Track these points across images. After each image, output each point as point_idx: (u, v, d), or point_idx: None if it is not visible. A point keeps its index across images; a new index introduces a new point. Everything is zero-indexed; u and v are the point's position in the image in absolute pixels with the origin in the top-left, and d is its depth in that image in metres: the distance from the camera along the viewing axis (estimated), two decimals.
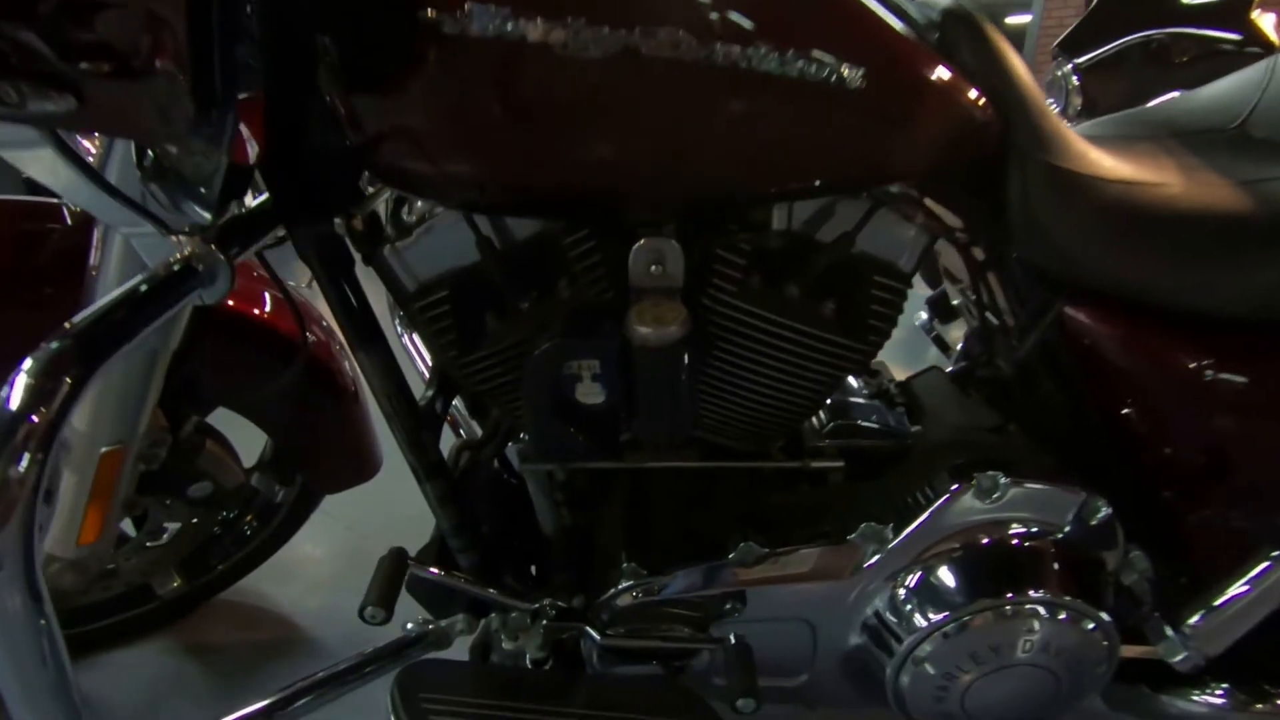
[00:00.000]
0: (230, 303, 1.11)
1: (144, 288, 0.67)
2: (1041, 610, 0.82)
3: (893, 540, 0.87)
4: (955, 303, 1.23)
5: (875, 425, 1.04)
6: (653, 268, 0.79)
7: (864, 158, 0.72)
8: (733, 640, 0.89)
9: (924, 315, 1.47)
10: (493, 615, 1.02)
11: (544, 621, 0.92)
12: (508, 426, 1.11)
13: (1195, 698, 0.97)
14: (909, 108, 0.70)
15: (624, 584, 0.91)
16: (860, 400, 1.09)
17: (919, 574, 0.87)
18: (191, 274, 0.72)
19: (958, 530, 0.85)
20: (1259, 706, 0.93)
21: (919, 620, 0.86)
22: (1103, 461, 0.89)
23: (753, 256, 0.83)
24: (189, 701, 1.27)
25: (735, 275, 0.83)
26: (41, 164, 0.71)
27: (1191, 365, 0.80)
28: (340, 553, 1.64)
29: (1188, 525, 0.89)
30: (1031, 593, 0.82)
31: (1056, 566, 0.84)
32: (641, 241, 0.80)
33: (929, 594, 0.86)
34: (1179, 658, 0.84)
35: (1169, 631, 0.84)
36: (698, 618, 0.94)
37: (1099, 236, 0.77)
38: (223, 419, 1.24)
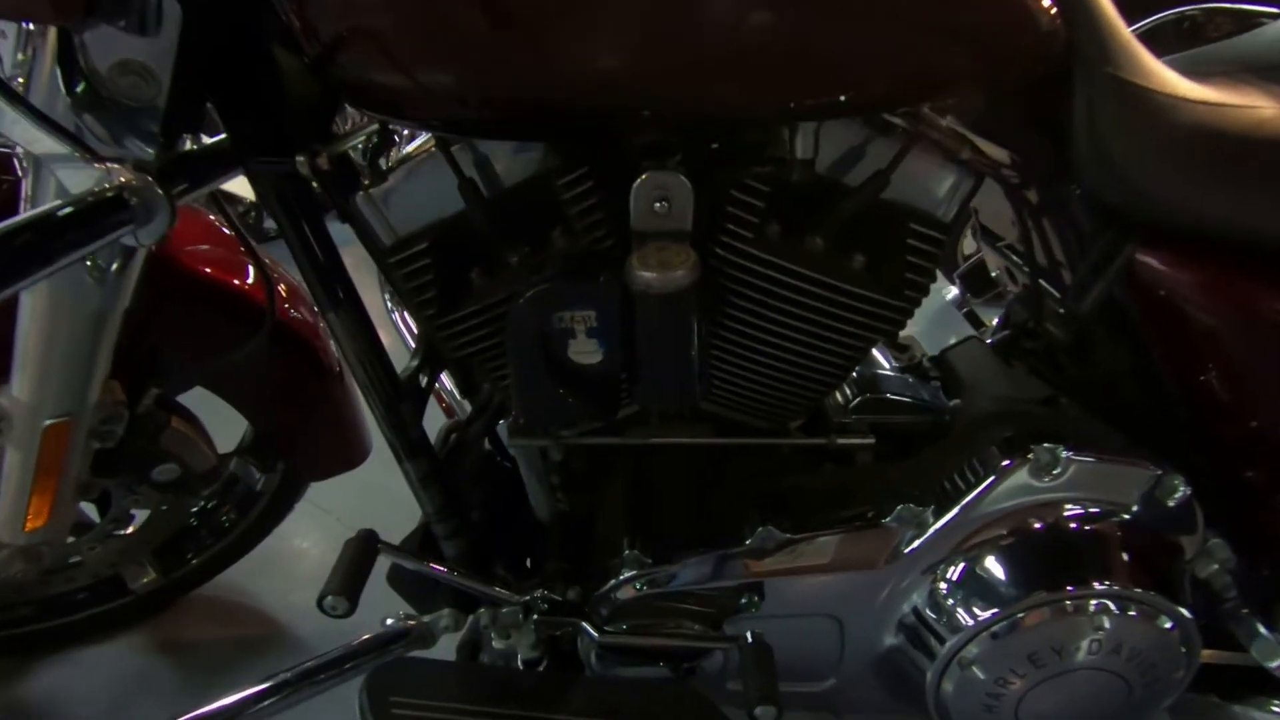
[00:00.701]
0: (191, 262, 1.01)
1: (63, 212, 0.58)
2: (1111, 605, 0.71)
3: (934, 524, 0.75)
4: (994, 273, 1.11)
5: (908, 400, 0.93)
6: (657, 205, 0.69)
7: (905, 65, 0.61)
8: (750, 639, 0.77)
9: (955, 290, 1.35)
10: (482, 611, 0.92)
11: (535, 616, 0.82)
12: (498, 402, 1.01)
13: (1275, 708, 0.85)
14: (960, 4, 0.59)
15: (626, 574, 0.80)
16: (890, 374, 0.97)
17: (964, 563, 0.75)
18: (121, 206, 0.63)
19: (1010, 513, 0.74)
20: None
21: (964, 617, 0.74)
22: (1175, 437, 0.77)
23: (772, 199, 0.72)
24: (156, 700, 1.18)
25: (752, 220, 0.73)
26: None
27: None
28: (329, 547, 1.54)
29: (1264, 504, 0.77)
30: (1097, 585, 0.71)
31: (1126, 555, 0.73)
32: (644, 176, 0.69)
33: (976, 586, 0.75)
34: (1277, 662, 0.72)
35: (1262, 630, 0.72)
36: (709, 613, 0.83)
37: (1180, 164, 0.66)
38: (202, 402, 1.14)
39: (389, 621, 0.95)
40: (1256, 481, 0.76)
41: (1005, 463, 0.73)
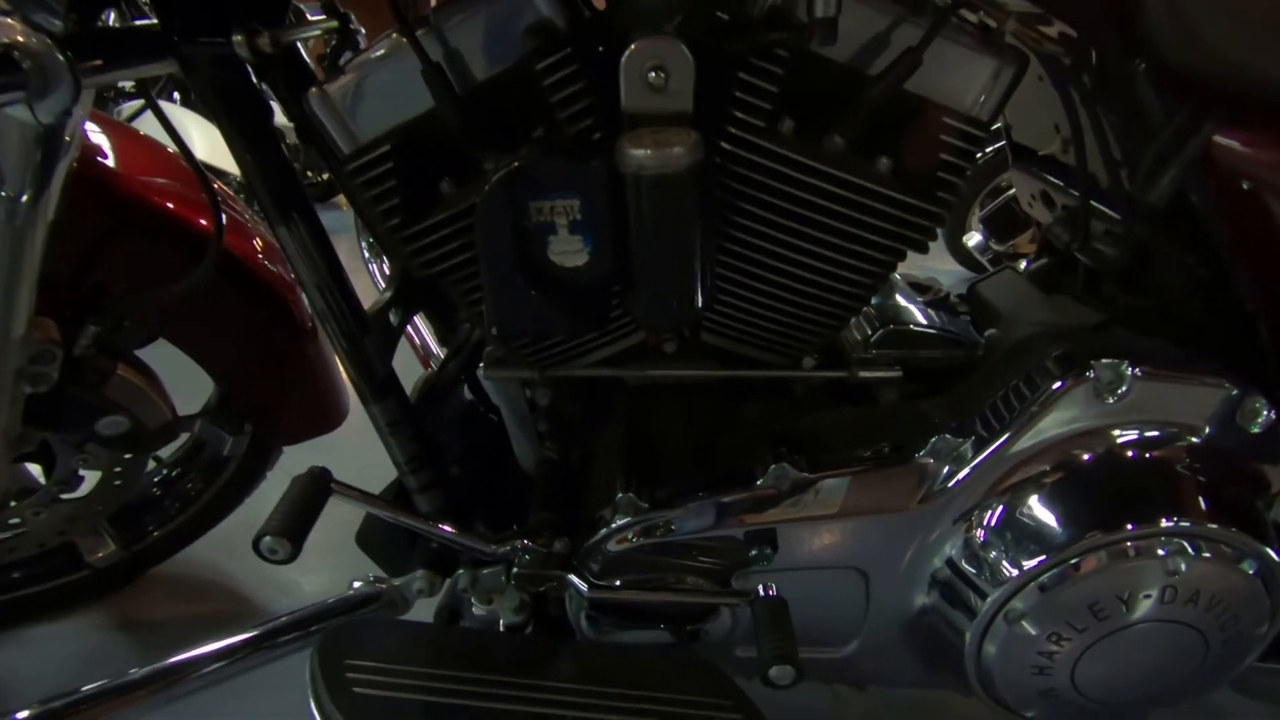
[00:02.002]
0: (139, 192, 0.92)
1: None
2: (1185, 545, 0.60)
3: (974, 457, 0.65)
4: (1027, 204, 1.00)
5: (935, 332, 0.83)
6: (651, 75, 0.58)
7: None
8: (762, 593, 0.67)
9: (978, 236, 1.24)
10: (461, 572, 0.82)
11: (515, 570, 0.71)
12: (475, 340, 0.91)
13: None
14: None
15: (619, 521, 0.70)
16: (913, 307, 0.87)
17: (1009, 503, 0.65)
18: (10, 67, 0.53)
19: (1064, 442, 0.63)
20: None
21: (1008, 567, 0.64)
22: (1252, 364, 0.67)
23: (786, 83, 0.62)
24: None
25: (762, 107, 0.63)
26: None
27: None
28: None
29: None
30: (1166, 522, 0.60)
31: (1201, 488, 0.62)
32: (636, 44, 0.59)
33: (1023, 530, 0.64)
34: None
35: None
36: (715, 567, 0.72)
37: (1273, 19, 0.55)
38: (170, 364, 1.05)
39: (356, 585, 0.85)
40: None
41: (1057, 384, 0.63)
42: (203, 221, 0.96)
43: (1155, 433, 0.63)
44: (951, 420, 0.69)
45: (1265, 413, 0.63)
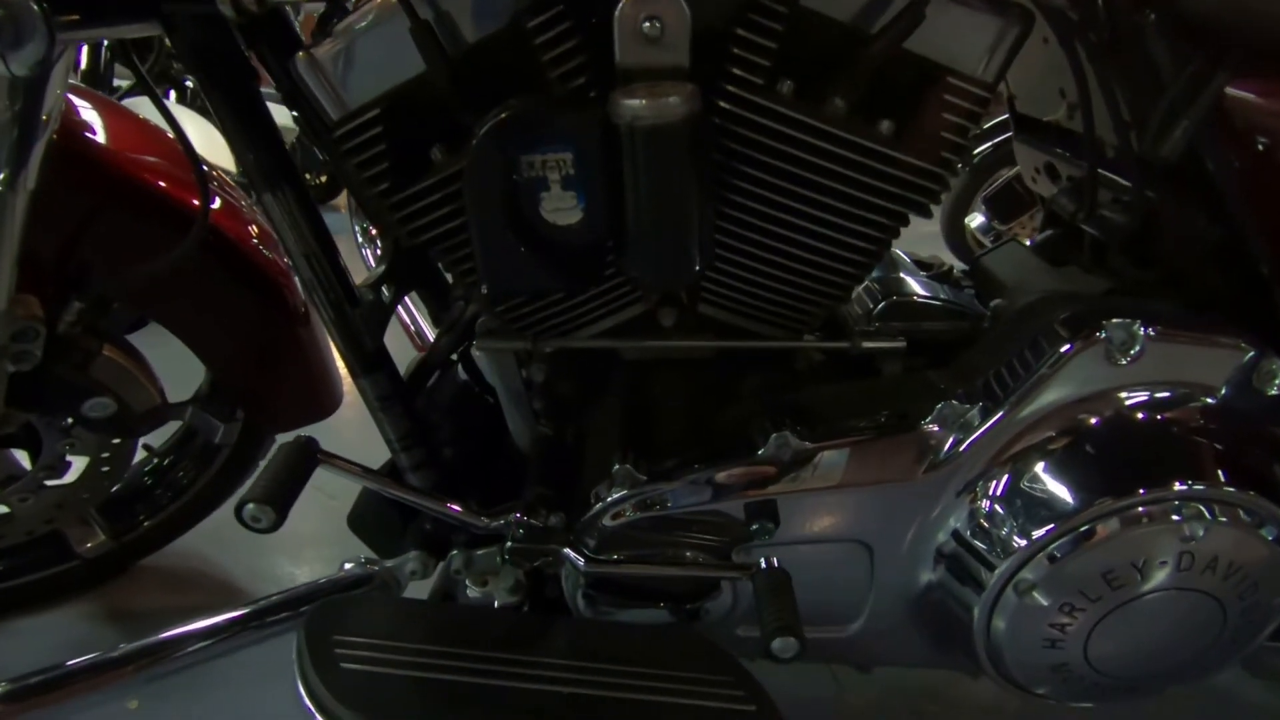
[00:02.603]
0: (126, 168, 0.90)
1: None
2: (1201, 509, 0.58)
3: (981, 424, 0.63)
4: (1031, 179, 0.99)
5: (940, 304, 0.81)
6: (646, 25, 0.57)
7: None
8: (764, 565, 0.65)
9: (981, 217, 1.23)
10: (454, 554, 0.79)
11: (509, 544, 0.69)
12: (469, 316, 0.89)
13: None
14: None
15: (616, 494, 0.68)
16: (917, 280, 0.85)
17: (1014, 472, 0.63)
18: None
19: (1075, 405, 0.61)
20: None
21: (1017, 537, 0.62)
22: (1269, 324, 0.65)
23: (786, 43, 0.61)
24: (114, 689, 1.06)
25: (761, 64, 0.61)
26: None
27: None
28: (302, 513, 1.42)
29: None
30: (1180, 486, 0.58)
31: (1217, 451, 0.60)
32: None
33: (1032, 498, 0.62)
34: None
35: None
36: (715, 542, 0.70)
37: None
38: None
39: (348, 566, 0.83)
40: None
41: (1066, 346, 0.61)
42: (194, 202, 0.94)
43: (1168, 395, 0.61)
44: (957, 388, 0.67)
45: None
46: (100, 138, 0.91)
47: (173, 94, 2.69)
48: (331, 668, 0.59)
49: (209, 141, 1.62)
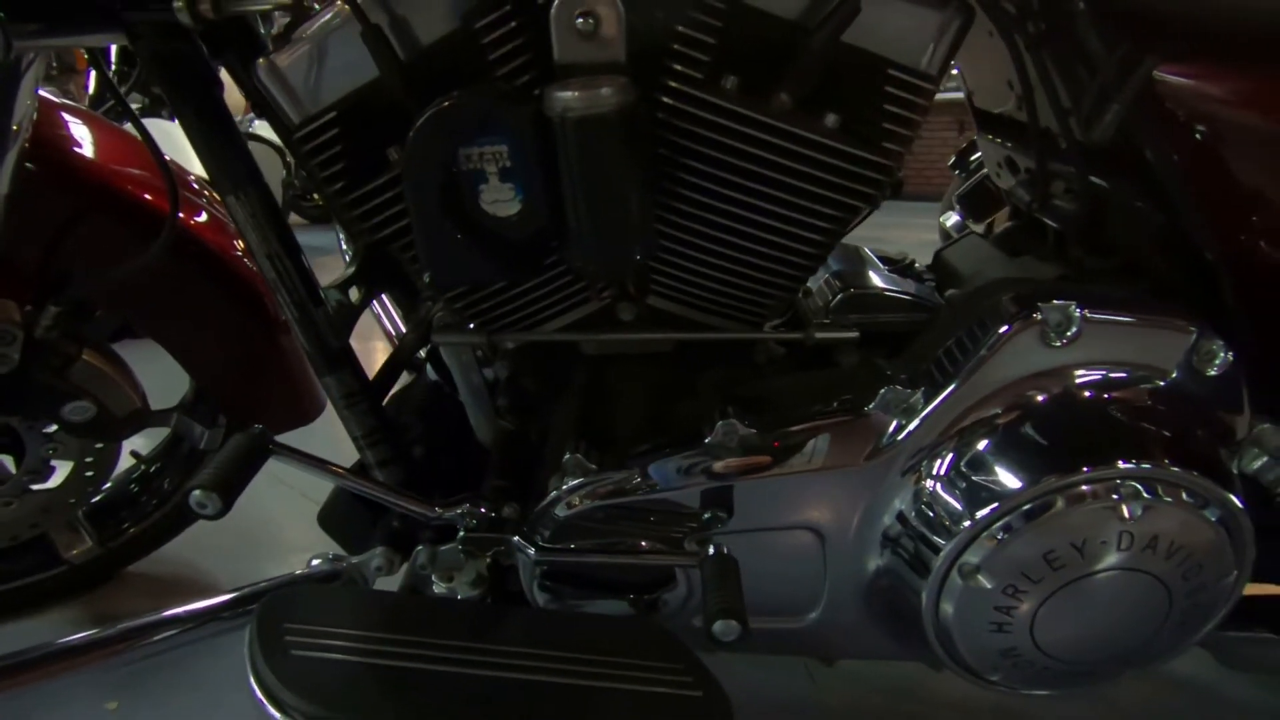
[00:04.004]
0: (101, 178, 0.93)
1: None
2: (1141, 488, 0.58)
3: (925, 408, 0.63)
4: (996, 174, 0.99)
5: (895, 295, 0.82)
6: (579, 20, 0.58)
7: None
8: (712, 552, 0.65)
9: (955, 216, 1.23)
10: (420, 549, 0.80)
11: (461, 534, 0.70)
12: (436, 312, 0.90)
13: None
14: None
15: (568, 483, 0.69)
16: (876, 273, 0.86)
17: (959, 452, 0.63)
18: None
19: (1015, 386, 0.62)
20: None
21: (962, 518, 0.62)
22: (1220, 316, 0.65)
23: (727, 39, 0.62)
24: (84, 683, 1.07)
25: (700, 59, 0.63)
26: None
27: None
28: (287, 519, 1.43)
29: None
30: (1122, 464, 0.58)
31: (1159, 431, 0.60)
32: None
33: (975, 479, 0.62)
34: None
35: None
36: (668, 532, 0.71)
37: None
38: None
39: (315, 561, 0.84)
40: None
41: (1004, 328, 0.61)
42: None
43: (1108, 376, 0.61)
44: (905, 374, 0.67)
45: (1222, 355, 0.61)
46: (79, 148, 0.94)
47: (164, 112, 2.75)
48: (281, 654, 0.60)
49: None
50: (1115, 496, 0.58)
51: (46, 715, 1.02)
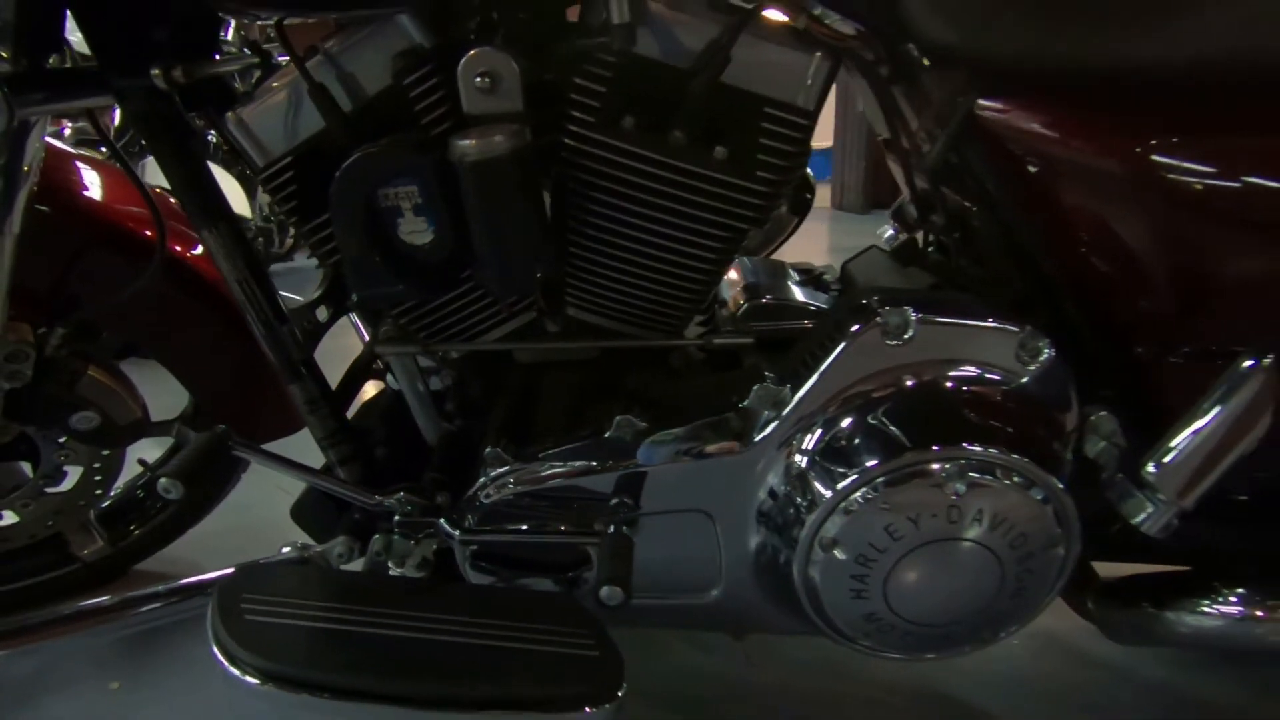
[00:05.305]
0: (97, 209, 1.05)
1: None
2: (964, 469, 0.67)
3: (791, 399, 0.73)
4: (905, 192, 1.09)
5: (800, 305, 0.91)
6: (478, 80, 0.69)
7: None
8: (611, 530, 0.75)
9: (890, 230, 1.32)
10: (377, 537, 0.91)
11: (396, 518, 0.80)
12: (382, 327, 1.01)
13: (1207, 608, 0.78)
14: None
15: (489, 473, 0.79)
16: (784, 285, 0.96)
17: (817, 438, 0.72)
18: None
19: (867, 381, 0.71)
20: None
21: (820, 494, 0.71)
22: (1065, 318, 0.74)
23: (621, 84, 0.72)
24: (94, 665, 1.18)
25: (594, 105, 0.73)
26: None
27: (1138, 150, 0.65)
28: (287, 520, 1.54)
29: (1150, 370, 0.73)
30: (949, 449, 0.67)
31: (990, 421, 0.69)
32: (470, 54, 0.70)
33: (830, 461, 0.71)
34: (1144, 514, 0.67)
35: (1133, 489, 0.68)
36: (580, 516, 0.81)
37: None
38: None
39: (285, 549, 0.95)
40: (1128, 338, 0.72)
41: (855, 327, 0.71)
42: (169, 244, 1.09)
43: (945, 372, 0.70)
44: (778, 373, 0.77)
45: (1045, 351, 0.70)
46: (83, 189, 1.07)
47: None
48: (237, 620, 0.71)
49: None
50: (944, 475, 0.67)
51: (53, 695, 1.13)
